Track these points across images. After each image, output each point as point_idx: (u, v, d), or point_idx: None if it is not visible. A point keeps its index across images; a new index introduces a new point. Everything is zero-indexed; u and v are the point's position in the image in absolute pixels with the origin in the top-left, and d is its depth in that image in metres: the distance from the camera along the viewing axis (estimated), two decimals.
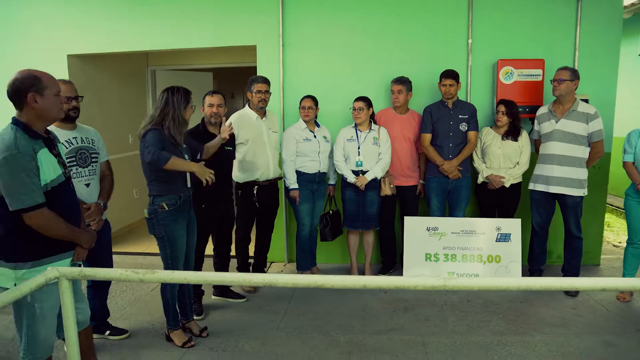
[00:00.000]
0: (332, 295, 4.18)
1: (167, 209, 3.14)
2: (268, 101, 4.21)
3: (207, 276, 1.60)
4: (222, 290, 4.14)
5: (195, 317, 3.63)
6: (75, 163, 3.08)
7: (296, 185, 4.35)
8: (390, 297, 4.16)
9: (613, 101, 4.64)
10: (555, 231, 4.44)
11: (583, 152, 4.02)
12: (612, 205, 7.62)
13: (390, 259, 4.79)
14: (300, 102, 4.38)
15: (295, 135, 4.37)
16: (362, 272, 4.66)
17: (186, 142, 3.32)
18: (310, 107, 4.33)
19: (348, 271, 4.72)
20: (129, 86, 6.34)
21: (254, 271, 4.52)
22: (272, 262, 5.08)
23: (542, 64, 4.48)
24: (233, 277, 1.59)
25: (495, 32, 4.65)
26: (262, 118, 4.24)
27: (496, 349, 3.28)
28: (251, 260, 4.50)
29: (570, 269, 4.25)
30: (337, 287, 1.59)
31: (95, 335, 3.43)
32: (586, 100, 4.31)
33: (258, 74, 4.52)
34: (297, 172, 4.37)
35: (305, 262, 4.58)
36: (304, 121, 4.38)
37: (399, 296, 4.18)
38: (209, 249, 3.97)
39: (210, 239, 3.98)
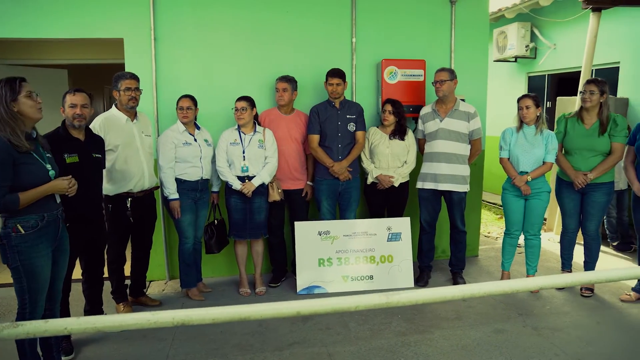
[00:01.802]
0: None
1: (23, 232, 2.53)
2: (139, 100, 3.74)
3: (98, 321, 1.20)
4: None
5: (63, 358, 3.04)
6: None
7: (176, 195, 3.92)
8: None
9: (485, 101, 4.96)
10: (439, 227, 4.58)
11: (465, 149, 4.20)
12: None
13: (281, 267, 4.56)
14: (178, 102, 3.96)
15: (173, 139, 3.94)
16: (252, 284, 4.36)
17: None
18: (189, 107, 3.93)
19: (237, 284, 4.39)
20: None
21: (131, 294, 3.98)
22: (151, 281, 4.54)
23: (424, 64, 4.61)
24: (132, 319, 1.22)
25: (379, 32, 4.68)
26: (132, 120, 3.74)
27: (401, 350, 3.23)
28: (128, 282, 3.96)
29: (457, 262, 4.42)
30: (266, 317, 1.32)
31: None
32: (463, 100, 4.52)
33: (126, 71, 3.99)
34: (177, 179, 3.94)
35: (190, 278, 4.15)
36: (182, 123, 3.96)
37: None
38: (77, 272, 3.37)
39: (78, 261, 3.38)
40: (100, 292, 3.55)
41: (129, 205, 3.67)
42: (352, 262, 4.32)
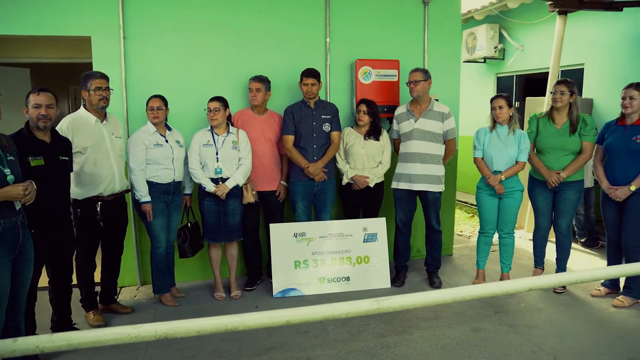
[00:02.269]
0: (197, 318, 3.74)
1: None
2: (109, 100, 3.61)
3: (74, 338, 1.11)
4: (60, 328, 3.36)
5: None
6: None
7: (148, 198, 3.80)
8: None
9: (457, 101, 5.00)
10: (414, 227, 4.59)
11: (440, 149, 4.22)
12: None
13: (256, 270, 4.48)
14: (148, 103, 3.84)
15: (144, 140, 3.82)
16: (227, 288, 4.28)
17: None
18: (159, 107, 3.82)
19: (211, 288, 4.30)
20: None
21: (102, 301, 3.84)
22: (122, 287, 4.39)
23: (397, 64, 4.61)
24: (111, 334, 1.14)
25: (353, 32, 4.67)
26: (102, 121, 3.61)
27: (381, 352, 3.21)
28: (98, 289, 3.82)
29: (433, 262, 4.44)
30: (254, 327, 1.27)
31: None
32: (436, 100, 4.54)
33: (94, 70, 3.85)
34: (149, 182, 3.83)
35: (163, 283, 4.03)
36: (153, 124, 3.85)
37: (272, 309, 3.91)
38: (43, 280, 3.23)
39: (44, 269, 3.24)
40: (68, 300, 3.41)
41: (98, 209, 3.54)
42: (328, 264, 4.28)
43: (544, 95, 5.84)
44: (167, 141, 3.89)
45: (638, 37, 5.75)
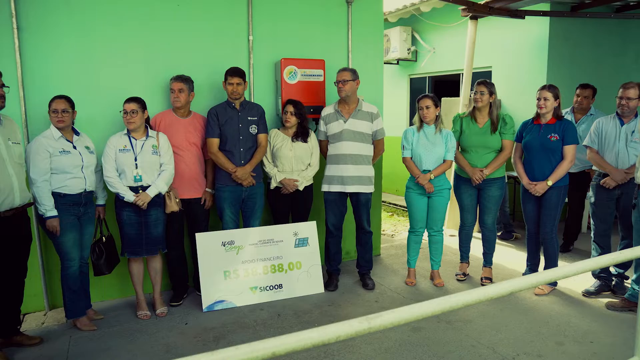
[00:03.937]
0: (121, 341, 3.39)
1: None
2: (5, 99, 3.15)
3: None
4: None
5: None
6: None
7: (54, 212, 3.36)
8: (194, 329, 3.58)
9: (381, 101, 5.03)
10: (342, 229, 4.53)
11: (370, 149, 4.19)
12: None
13: (182, 283, 4.17)
14: (51, 104, 3.40)
15: (47, 147, 3.38)
16: (151, 305, 3.93)
17: None
18: (64, 110, 3.41)
19: (133, 306, 3.93)
20: None
21: (1, 334, 3.32)
22: (25, 314, 3.86)
23: (323, 64, 4.52)
24: None
25: (277, 31, 4.50)
26: None
27: None
28: None
29: (365, 263, 4.41)
30: None
31: None
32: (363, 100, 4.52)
33: None
34: (56, 193, 3.40)
35: (77, 306, 3.59)
36: (58, 128, 3.42)
37: (204, 325, 3.65)
38: None
39: None
40: None
41: None
42: (259, 272, 4.10)
43: (458, 95, 6.09)
44: (75, 147, 3.48)
45: (538, 43, 6.19)
